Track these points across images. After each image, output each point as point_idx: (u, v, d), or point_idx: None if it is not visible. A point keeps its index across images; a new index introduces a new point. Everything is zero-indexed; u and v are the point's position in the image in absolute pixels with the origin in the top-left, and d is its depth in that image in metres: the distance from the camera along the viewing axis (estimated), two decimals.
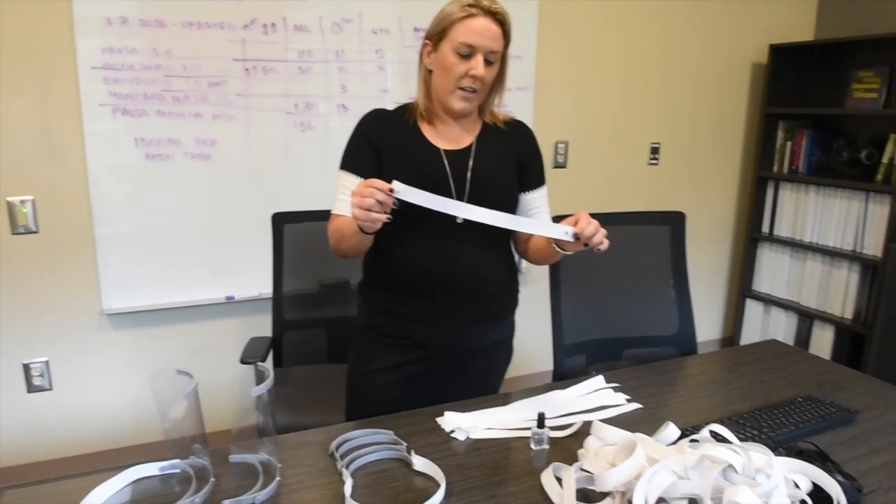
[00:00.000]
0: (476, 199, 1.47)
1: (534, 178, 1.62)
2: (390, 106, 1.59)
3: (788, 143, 3.73)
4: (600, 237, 1.32)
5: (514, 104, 3.11)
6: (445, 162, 1.49)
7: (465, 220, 1.45)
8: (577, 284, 1.94)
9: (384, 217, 1.26)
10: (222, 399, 2.83)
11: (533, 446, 1.33)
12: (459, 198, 1.48)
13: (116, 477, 1.19)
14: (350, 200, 1.28)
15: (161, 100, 2.48)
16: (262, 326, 2.77)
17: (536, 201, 1.62)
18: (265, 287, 2.72)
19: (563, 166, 3.37)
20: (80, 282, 2.52)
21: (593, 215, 1.95)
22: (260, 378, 1.18)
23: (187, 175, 2.58)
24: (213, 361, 2.79)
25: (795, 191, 3.68)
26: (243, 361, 2.07)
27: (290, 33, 2.62)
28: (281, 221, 2.29)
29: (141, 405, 2.69)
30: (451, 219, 1.43)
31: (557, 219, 1.44)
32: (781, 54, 3.70)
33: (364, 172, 1.48)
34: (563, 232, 1.33)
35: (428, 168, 1.48)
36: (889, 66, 3.40)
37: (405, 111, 1.55)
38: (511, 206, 1.57)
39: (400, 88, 2.85)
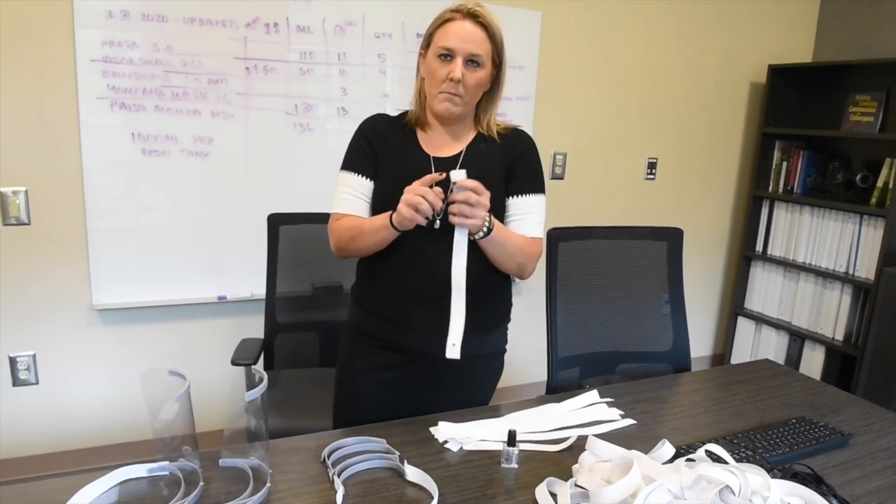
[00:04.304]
0: None
1: (522, 184, 1.54)
2: (393, 112, 1.60)
3: (784, 163, 3.75)
4: (460, 208, 1.34)
5: (514, 114, 3.11)
6: (433, 168, 1.49)
7: (442, 228, 1.45)
8: (573, 297, 1.93)
9: (424, 220, 1.35)
10: (210, 400, 2.80)
11: (502, 464, 1.31)
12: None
13: (104, 478, 1.17)
14: (348, 198, 1.50)
15: (160, 95, 2.46)
16: (253, 327, 2.75)
17: (524, 208, 1.54)
18: (257, 288, 2.70)
19: (561, 178, 3.37)
20: (70, 276, 2.49)
21: (592, 228, 1.96)
22: (252, 381, 1.16)
23: (183, 172, 2.56)
24: (203, 361, 2.77)
25: (790, 211, 3.69)
26: (235, 363, 2.04)
27: (292, 34, 2.61)
28: (276, 222, 2.27)
29: (128, 403, 2.66)
30: (429, 230, 1.44)
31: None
32: (780, 75, 3.73)
33: (365, 172, 1.52)
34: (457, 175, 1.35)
35: (414, 173, 1.45)
36: (886, 90, 3.43)
37: (404, 116, 1.58)
38: (496, 212, 1.49)
39: (400, 93, 2.85)
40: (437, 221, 1.45)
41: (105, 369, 2.61)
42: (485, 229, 1.40)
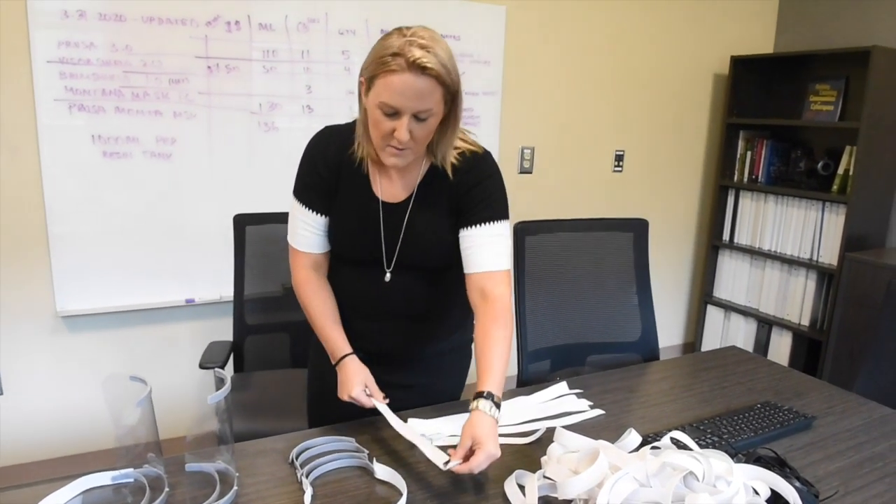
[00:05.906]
0: (408, 251, 1.43)
1: (478, 214, 1.40)
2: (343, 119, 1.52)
3: (748, 153, 3.81)
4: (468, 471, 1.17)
5: (481, 109, 3.11)
6: (381, 215, 1.43)
7: (392, 279, 1.44)
8: (541, 290, 1.94)
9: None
10: (181, 405, 2.76)
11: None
12: (390, 250, 1.43)
13: (67, 487, 1.15)
14: (306, 234, 1.46)
15: (120, 96, 2.41)
16: (223, 330, 2.71)
17: (479, 238, 1.39)
18: (226, 290, 2.67)
19: (529, 172, 3.38)
20: (32, 282, 2.43)
21: (558, 221, 1.97)
22: (218, 384, 1.15)
23: (146, 174, 2.51)
24: (172, 366, 2.73)
25: (755, 199, 3.75)
26: (202, 366, 2.02)
27: (254, 32, 2.58)
28: (243, 223, 2.24)
29: (96, 411, 2.61)
30: (380, 273, 1.44)
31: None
32: (742, 66, 3.78)
33: (318, 208, 1.44)
34: (441, 461, 1.18)
35: (364, 221, 1.44)
36: (844, 79, 3.49)
37: (354, 141, 1.41)
38: (445, 257, 1.44)
39: None
40: (388, 275, 1.44)
41: (72, 377, 2.56)
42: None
